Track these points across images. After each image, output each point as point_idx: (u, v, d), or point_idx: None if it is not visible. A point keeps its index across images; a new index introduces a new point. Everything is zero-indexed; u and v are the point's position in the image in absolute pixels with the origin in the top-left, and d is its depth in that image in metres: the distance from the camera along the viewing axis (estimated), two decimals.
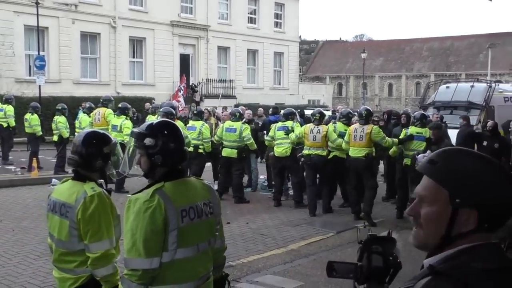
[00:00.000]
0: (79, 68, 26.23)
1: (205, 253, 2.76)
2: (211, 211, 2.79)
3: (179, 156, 2.76)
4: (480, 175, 1.39)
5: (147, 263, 2.57)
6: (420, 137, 9.47)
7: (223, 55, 34.03)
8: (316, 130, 9.93)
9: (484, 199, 1.38)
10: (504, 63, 55.90)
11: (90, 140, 3.27)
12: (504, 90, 18.07)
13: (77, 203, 3.10)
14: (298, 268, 6.83)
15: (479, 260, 1.36)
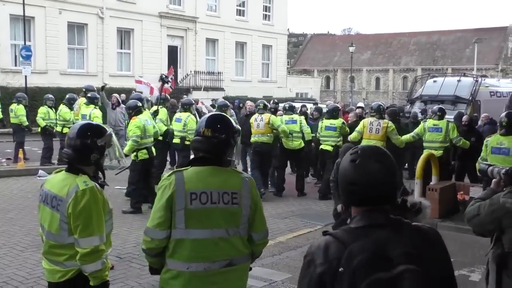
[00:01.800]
0: (66, 58, 25.94)
1: (224, 240, 2.89)
2: (235, 202, 2.91)
3: (198, 143, 2.98)
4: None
5: (151, 232, 2.91)
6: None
7: (211, 47, 33.88)
8: (260, 118, 10.71)
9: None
10: (489, 58, 56.39)
11: (83, 133, 3.21)
12: (490, 85, 18.20)
13: (69, 196, 3.06)
14: (286, 260, 6.84)
15: (354, 222, 2.00)
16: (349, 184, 2.02)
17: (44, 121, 13.26)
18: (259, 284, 5.82)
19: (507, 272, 3.48)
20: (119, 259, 6.49)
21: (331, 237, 1.97)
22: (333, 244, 1.94)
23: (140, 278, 5.83)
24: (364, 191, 1.99)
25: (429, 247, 1.97)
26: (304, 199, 10.83)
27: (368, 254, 1.88)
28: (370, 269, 1.85)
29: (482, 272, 6.48)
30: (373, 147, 2.14)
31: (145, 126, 8.79)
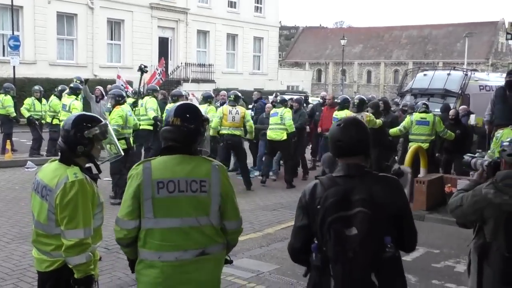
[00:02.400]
0: (55, 49, 25.74)
1: (195, 229, 2.88)
2: (204, 190, 2.90)
3: (168, 132, 2.97)
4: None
5: (120, 222, 2.93)
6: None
7: (203, 39, 33.76)
8: (235, 111, 10.54)
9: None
10: (480, 52, 56.66)
11: (73, 124, 3.21)
12: (479, 79, 18.24)
13: (57, 187, 3.05)
14: (274, 251, 6.87)
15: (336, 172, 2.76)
16: (336, 141, 2.83)
17: (28, 112, 13.18)
18: (246, 275, 5.84)
19: (487, 261, 3.54)
20: (107, 250, 6.49)
21: (318, 182, 2.77)
22: (319, 187, 2.74)
23: (128, 269, 5.76)
24: (345, 145, 2.79)
25: (386, 193, 2.68)
26: (293, 191, 10.87)
27: (337, 198, 2.65)
28: (336, 208, 2.63)
29: (467, 263, 6.55)
30: (352, 118, 3.03)
31: (127, 116, 8.83)
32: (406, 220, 2.79)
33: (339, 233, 2.60)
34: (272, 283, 5.67)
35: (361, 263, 2.59)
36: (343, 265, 2.60)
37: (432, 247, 7.19)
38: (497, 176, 3.53)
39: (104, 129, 3.29)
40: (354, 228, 2.61)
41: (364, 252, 2.58)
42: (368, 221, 2.60)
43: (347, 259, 2.59)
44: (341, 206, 2.63)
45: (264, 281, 5.73)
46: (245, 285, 5.53)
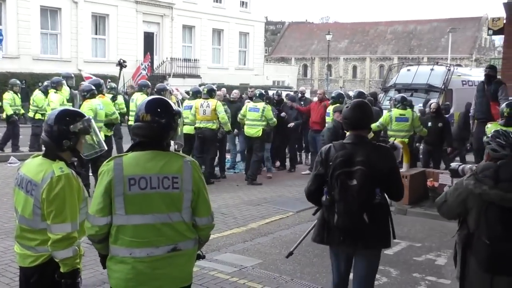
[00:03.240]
0: (39, 43, 25.46)
1: (167, 225, 2.87)
2: (176, 186, 2.87)
3: (139, 128, 2.94)
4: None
5: (92, 218, 2.91)
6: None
7: (188, 34, 33.61)
8: (206, 104, 10.53)
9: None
10: (464, 47, 57.12)
11: (57, 119, 3.19)
12: (462, 74, 18.43)
13: (43, 182, 3.04)
14: (258, 246, 6.89)
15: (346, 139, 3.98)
16: (345, 119, 4.06)
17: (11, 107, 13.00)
18: (229, 270, 5.86)
19: (471, 251, 3.63)
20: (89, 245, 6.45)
21: (332, 145, 3.96)
22: (332, 149, 3.93)
23: None
24: (352, 122, 4.00)
25: (379, 158, 3.84)
26: (277, 186, 10.91)
27: (344, 158, 3.79)
28: (342, 165, 3.76)
29: (448, 256, 6.63)
30: (357, 101, 4.18)
31: (97, 110, 8.81)
32: (394, 178, 3.91)
33: (343, 183, 3.73)
34: (254, 278, 5.69)
35: (357, 205, 3.70)
36: (344, 205, 3.72)
37: (414, 240, 7.27)
38: (477, 167, 3.65)
39: (88, 124, 3.30)
40: (354, 180, 3.73)
41: (360, 197, 3.71)
42: (365, 176, 3.71)
43: (347, 201, 3.70)
44: (346, 164, 3.77)
45: (247, 276, 5.75)
46: (228, 280, 5.55)
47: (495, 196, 3.47)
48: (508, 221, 3.48)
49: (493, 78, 9.26)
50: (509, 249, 3.48)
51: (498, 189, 3.47)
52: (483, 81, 10.35)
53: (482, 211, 3.54)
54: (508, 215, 3.48)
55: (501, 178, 3.49)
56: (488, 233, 3.53)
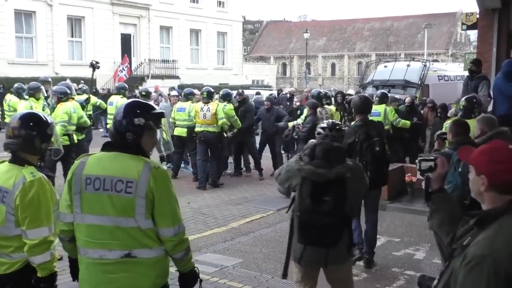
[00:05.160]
0: (14, 47, 25.10)
1: (121, 229, 2.75)
2: (129, 191, 2.74)
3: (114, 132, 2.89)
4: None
5: (61, 215, 2.91)
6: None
7: (166, 35, 33.45)
8: (206, 108, 10.36)
9: None
10: (440, 43, 57.82)
11: (32, 122, 3.14)
12: (438, 69, 18.69)
13: (15, 188, 3.00)
14: (238, 245, 6.91)
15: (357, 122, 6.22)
16: (357, 106, 6.13)
17: None
18: (209, 269, 5.85)
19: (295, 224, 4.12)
20: None
21: (351, 128, 6.01)
22: (353, 130, 5.94)
23: None
24: (361, 108, 6.13)
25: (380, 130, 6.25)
26: (258, 185, 10.91)
27: (364, 135, 5.87)
28: (365, 139, 5.86)
29: (426, 250, 6.72)
30: (366, 97, 6.62)
31: (71, 113, 8.75)
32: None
33: (372, 150, 5.84)
34: (235, 277, 5.70)
35: (380, 162, 5.95)
36: (372, 164, 5.80)
37: (393, 235, 7.34)
38: (304, 147, 4.08)
39: (54, 127, 3.31)
40: (376, 147, 5.86)
41: (382, 157, 5.96)
42: (381, 144, 5.95)
43: (375, 161, 5.83)
44: (367, 138, 5.84)
45: (228, 275, 5.75)
46: (208, 280, 5.55)
47: (308, 170, 3.82)
48: (316, 195, 3.81)
49: (476, 73, 9.20)
50: (314, 220, 3.83)
51: (312, 164, 3.83)
52: (468, 76, 10.37)
53: (299, 185, 3.90)
54: (317, 189, 3.81)
55: (316, 156, 3.88)
56: (299, 206, 3.90)
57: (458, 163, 4.58)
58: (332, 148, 3.93)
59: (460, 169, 4.56)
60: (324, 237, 3.86)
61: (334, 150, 3.93)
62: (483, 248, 1.91)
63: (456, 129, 4.96)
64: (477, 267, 1.87)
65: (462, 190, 4.46)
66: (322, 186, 3.80)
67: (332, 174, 3.79)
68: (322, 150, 3.89)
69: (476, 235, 2.02)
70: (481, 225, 2.04)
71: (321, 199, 3.80)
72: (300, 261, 4.02)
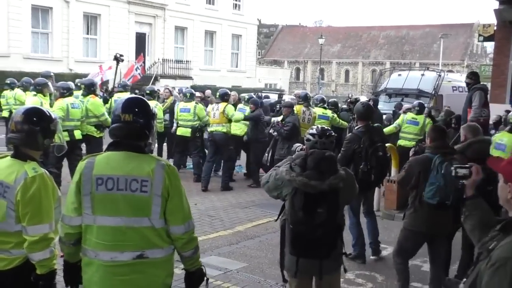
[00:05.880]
0: (29, 42, 25.30)
1: (134, 229, 2.74)
2: (144, 190, 2.74)
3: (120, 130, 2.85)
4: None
5: (66, 219, 2.84)
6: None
7: (180, 36, 33.55)
8: (216, 107, 10.59)
9: None
10: (456, 53, 57.50)
11: (35, 117, 3.10)
12: (452, 80, 18.53)
13: (17, 183, 2.96)
14: (243, 249, 6.84)
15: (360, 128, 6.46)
16: (360, 113, 6.40)
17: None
18: (213, 273, 5.79)
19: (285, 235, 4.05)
20: None
21: (355, 134, 6.29)
22: (357, 136, 6.23)
23: None
24: (363, 115, 6.39)
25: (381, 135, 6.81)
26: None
27: (368, 141, 6.11)
28: (370, 144, 6.11)
29: None
30: (368, 104, 6.95)
31: (69, 108, 8.70)
32: None
33: (376, 154, 6.09)
34: (239, 281, 5.64)
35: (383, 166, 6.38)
36: (377, 168, 6.14)
37: None
38: (294, 156, 3.97)
39: (58, 123, 3.28)
40: (380, 152, 6.17)
41: (384, 160, 6.40)
42: (384, 148, 6.38)
43: (379, 165, 6.18)
44: (372, 144, 6.08)
45: (231, 279, 5.69)
46: (212, 283, 5.47)
47: (300, 182, 3.70)
48: (309, 207, 3.71)
49: (471, 85, 9.36)
50: (307, 232, 3.74)
51: (304, 176, 3.71)
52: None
53: (290, 196, 3.78)
54: (310, 201, 3.71)
55: (308, 166, 3.76)
56: (291, 218, 3.79)
57: (440, 165, 4.84)
58: (324, 158, 3.81)
59: (443, 171, 4.81)
60: (317, 249, 3.81)
61: (326, 160, 3.81)
62: (507, 251, 2.09)
63: (434, 135, 5.16)
64: (501, 269, 2.05)
65: (445, 191, 4.88)
66: (315, 198, 3.71)
67: (325, 186, 3.69)
68: (314, 161, 3.78)
69: (501, 239, 2.19)
70: (506, 230, 2.22)
71: (314, 211, 3.72)
72: (293, 273, 3.95)
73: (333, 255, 3.89)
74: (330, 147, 4.05)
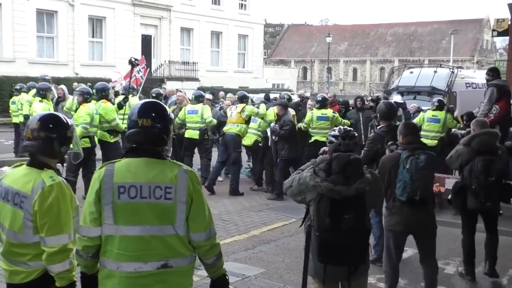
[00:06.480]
0: (35, 47, 25.35)
1: (158, 238, 2.68)
2: (168, 197, 2.68)
3: (138, 135, 2.77)
4: None
5: (84, 230, 2.75)
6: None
7: (186, 37, 33.53)
8: (234, 107, 10.81)
9: None
10: (465, 49, 57.18)
11: (52, 124, 3.03)
12: (466, 76, 18.34)
13: (34, 193, 2.87)
14: (260, 254, 6.76)
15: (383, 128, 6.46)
16: (383, 113, 6.37)
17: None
18: (231, 279, 5.62)
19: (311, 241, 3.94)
20: None
21: (378, 134, 6.25)
22: (379, 136, 6.14)
23: None
24: (387, 114, 6.36)
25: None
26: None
27: (393, 139, 5.43)
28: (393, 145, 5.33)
29: (456, 264, 6.49)
30: (391, 103, 6.95)
31: (93, 114, 8.64)
32: None
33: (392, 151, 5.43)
34: (257, 287, 5.56)
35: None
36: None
37: None
38: (318, 160, 3.87)
39: (75, 129, 3.20)
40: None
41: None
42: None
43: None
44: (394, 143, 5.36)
45: (250, 286, 5.62)
46: None
47: (325, 188, 3.64)
48: (335, 213, 3.65)
49: (489, 81, 9.27)
50: (334, 239, 3.66)
51: (329, 181, 3.65)
52: None
53: (316, 202, 3.72)
54: (336, 207, 3.65)
55: (333, 171, 3.70)
56: (318, 224, 3.71)
57: (406, 160, 4.89)
58: (349, 161, 3.73)
59: (408, 166, 4.86)
60: (346, 256, 3.74)
61: (351, 163, 3.73)
62: None
63: (405, 131, 5.17)
64: None
65: (411, 186, 4.87)
66: (341, 203, 3.64)
67: (352, 191, 3.63)
68: (339, 165, 3.70)
69: None
70: None
71: (341, 217, 3.65)
72: (322, 279, 3.88)
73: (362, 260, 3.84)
74: (354, 149, 3.96)
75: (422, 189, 4.88)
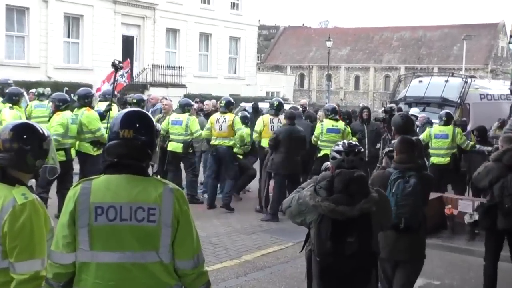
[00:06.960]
0: (3, 47, 25.27)
1: (140, 266, 2.63)
2: (152, 219, 2.63)
3: (119, 148, 2.74)
4: None
5: (56, 256, 2.70)
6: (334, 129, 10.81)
7: (172, 39, 33.62)
8: (222, 119, 10.49)
9: None
10: (479, 57, 57.68)
11: (26, 134, 2.99)
12: (480, 87, 18.53)
13: (4, 212, 2.82)
14: (253, 282, 6.75)
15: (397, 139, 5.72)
16: (399, 126, 6.71)
17: None
18: None
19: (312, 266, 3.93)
20: None
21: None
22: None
23: None
24: (402, 128, 6.57)
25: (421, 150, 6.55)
26: None
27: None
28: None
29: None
30: (408, 116, 7.35)
31: (68, 124, 8.55)
32: None
33: None
34: None
35: None
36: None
37: (432, 277, 7.10)
38: (319, 177, 3.88)
39: (51, 141, 3.17)
40: None
41: None
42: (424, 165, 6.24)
43: None
44: None
45: None
46: None
47: (326, 208, 3.60)
48: (338, 236, 3.64)
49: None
50: (337, 264, 3.66)
51: (330, 200, 3.61)
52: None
53: (316, 224, 3.69)
54: (338, 229, 3.62)
55: (335, 189, 3.67)
56: (318, 249, 3.69)
57: (393, 183, 4.74)
58: (353, 179, 3.71)
59: (394, 189, 4.72)
60: (350, 283, 3.73)
61: (355, 181, 3.71)
62: None
63: (400, 147, 5.00)
64: None
65: (395, 212, 4.55)
66: (344, 225, 3.63)
67: (355, 212, 3.61)
68: (342, 182, 3.69)
69: None
70: None
71: (344, 240, 3.63)
72: None
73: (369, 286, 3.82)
74: (360, 165, 3.94)
75: (407, 216, 4.69)
